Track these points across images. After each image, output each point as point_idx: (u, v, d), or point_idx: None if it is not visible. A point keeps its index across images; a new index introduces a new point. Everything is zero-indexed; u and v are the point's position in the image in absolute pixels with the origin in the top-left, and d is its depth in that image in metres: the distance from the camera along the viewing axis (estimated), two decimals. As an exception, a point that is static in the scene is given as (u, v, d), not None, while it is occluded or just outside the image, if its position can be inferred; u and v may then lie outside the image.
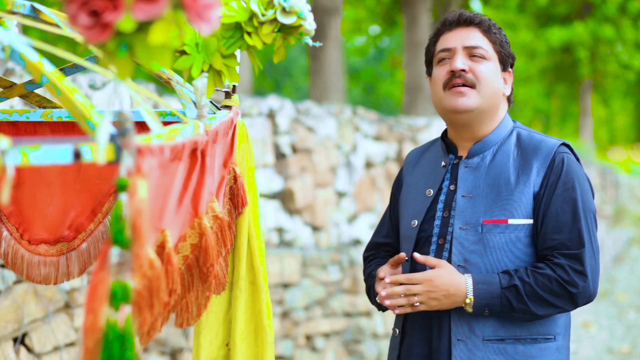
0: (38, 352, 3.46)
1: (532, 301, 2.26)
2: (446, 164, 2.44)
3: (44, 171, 2.33)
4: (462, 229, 2.34)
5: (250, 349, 2.20)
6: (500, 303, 2.27)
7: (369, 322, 6.50)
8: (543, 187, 2.31)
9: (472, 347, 2.31)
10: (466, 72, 2.34)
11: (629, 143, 39.34)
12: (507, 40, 2.44)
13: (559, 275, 2.26)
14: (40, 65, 1.37)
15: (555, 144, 2.36)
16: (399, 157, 7.30)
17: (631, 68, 19.83)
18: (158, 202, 1.48)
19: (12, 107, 3.09)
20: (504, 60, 2.40)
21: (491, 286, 2.27)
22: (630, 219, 17.95)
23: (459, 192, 2.38)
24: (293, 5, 1.80)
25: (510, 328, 2.31)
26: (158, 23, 1.13)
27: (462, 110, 2.35)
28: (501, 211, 2.31)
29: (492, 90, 2.36)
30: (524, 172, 2.33)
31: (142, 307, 1.35)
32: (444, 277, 2.30)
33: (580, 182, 2.33)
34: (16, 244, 2.39)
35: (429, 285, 2.30)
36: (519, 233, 2.30)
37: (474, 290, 2.27)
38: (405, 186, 2.55)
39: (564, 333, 2.39)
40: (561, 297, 2.27)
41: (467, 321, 2.32)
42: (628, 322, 8.74)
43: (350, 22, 17.57)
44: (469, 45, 2.36)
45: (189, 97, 2.04)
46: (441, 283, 2.29)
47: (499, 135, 2.40)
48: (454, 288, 2.28)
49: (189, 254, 1.73)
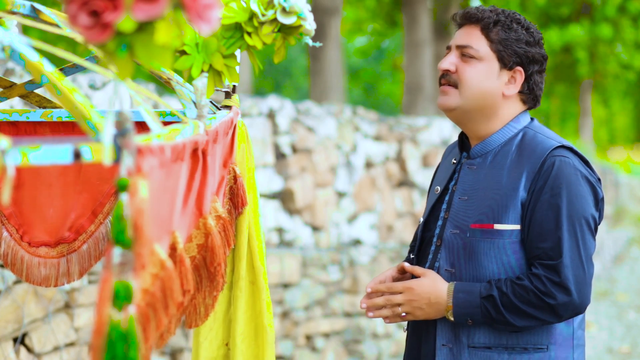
0: (38, 352, 3.46)
1: (510, 312, 2.20)
2: (456, 162, 2.42)
3: (44, 173, 2.33)
4: (452, 233, 2.31)
5: (250, 348, 2.20)
6: (480, 313, 2.22)
7: (369, 322, 6.50)
8: (530, 192, 2.24)
9: (456, 353, 2.28)
10: (452, 72, 2.32)
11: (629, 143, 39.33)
12: (519, 36, 2.31)
13: (535, 286, 2.19)
14: (40, 65, 1.37)
15: (550, 146, 2.27)
16: (399, 157, 7.30)
17: (631, 68, 19.82)
18: (166, 204, 1.48)
19: (12, 107, 3.09)
20: (504, 59, 2.30)
21: (471, 295, 2.23)
22: (630, 219, 17.94)
23: (456, 193, 2.35)
24: (293, 5, 1.80)
25: (499, 336, 2.26)
26: (158, 23, 1.13)
27: (444, 109, 2.35)
28: (488, 215, 2.26)
29: (476, 90, 2.30)
30: (515, 175, 2.26)
31: (157, 308, 1.35)
32: (425, 286, 2.27)
33: (570, 187, 2.22)
34: (16, 245, 2.38)
35: (410, 294, 2.28)
36: (505, 239, 2.24)
37: (454, 299, 2.24)
38: (434, 181, 2.53)
39: (562, 343, 2.29)
40: (540, 309, 2.20)
41: (452, 327, 2.28)
42: (628, 322, 8.74)
43: (350, 22, 17.56)
44: (459, 44, 2.33)
45: (189, 97, 2.04)
46: (422, 291, 2.27)
47: (503, 136, 2.34)
48: (435, 296, 2.26)
49: (196, 254, 1.74)
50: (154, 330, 1.36)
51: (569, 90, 22.34)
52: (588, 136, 20.79)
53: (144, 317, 1.33)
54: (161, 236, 1.43)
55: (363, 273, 6.44)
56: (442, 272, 2.31)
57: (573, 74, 19.74)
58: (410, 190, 7.41)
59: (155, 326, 1.36)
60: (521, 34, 2.32)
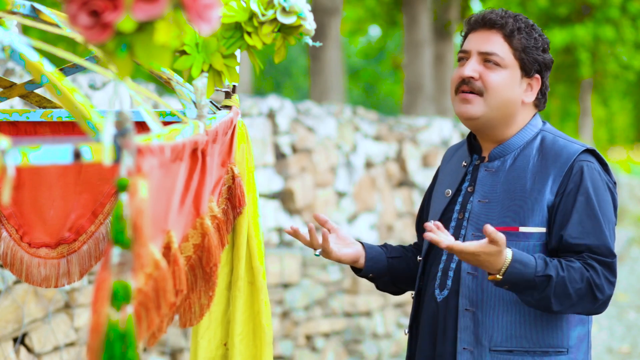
0: (38, 352, 3.46)
1: (557, 296, 2.17)
2: (467, 165, 2.40)
3: (45, 174, 2.33)
4: (474, 235, 2.28)
5: (249, 349, 2.20)
6: (526, 286, 2.15)
7: (369, 322, 6.50)
8: (559, 196, 2.24)
9: (477, 356, 2.26)
10: (475, 79, 2.28)
11: (629, 143, 39.35)
12: (537, 44, 2.30)
13: (591, 275, 2.18)
14: (40, 65, 1.37)
15: (576, 151, 2.27)
16: (399, 157, 7.30)
17: (631, 68, 19.83)
18: (162, 203, 1.48)
19: (12, 107, 3.09)
20: (526, 67, 2.29)
21: (527, 268, 2.15)
22: (630, 219, 17.94)
23: (475, 196, 2.33)
24: (293, 5, 1.80)
25: (519, 339, 2.25)
26: (158, 23, 1.13)
27: (466, 118, 2.30)
28: (513, 218, 2.26)
29: (501, 99, 2.28)
30: (541, 178, 2.26)
31: (149, 308, 1.35)
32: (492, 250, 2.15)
33: (598, 192, 2.25)
34: (15, 246, 2.38)
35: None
36: (530, 242, 2.24)
37: (510, 267, 2.13)
38: (436, 183, 2.51)
39: (579, 345, 2.30)
40: (584, 299, 2.19)
41: (473, 330, 2.27)
42: (628, 322, 8.74)
43: (350, 22, 17.56)
44: (483, 51, 2.29)
45: (189, 97, 2.04)
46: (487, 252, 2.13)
47: (522, 139, 2.32)
48: (493, 260, 2.12)
49: (192, 254, 1.74)
50: (145, 330, 1.36)
51: (569, 90, 22.34)
52: (588, 136, 20.80)
53: (136, 317, 1.33)
54: (155, 235, 1.43)
55: (363, 273, 6.44)
56: (464, 275, 2.29)
57: (573, 74, 19.74)
58: (410, 190, 7.41)
59: (147, 326, 1.36)
60: (539, 40, 2.31)
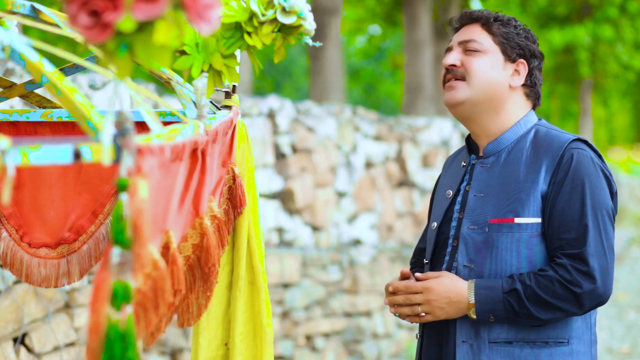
0: (38, 352, 3.46)
1: (534, 305, 2.20)
2: (466, 165, 2.42)
3: (45, 174, 2.33)
4: (469, 228, 2.31)
5: (249, 348, 2.20)
6: (503, 308, 2.21)
7: (369, 322, 6.50)
8: (551, 185, 2.25)
9: (476, 349, 2.27)
10: (457, 66, 2.33)
11: (629, 143, 39.35)
12: (518, 31, 2.36)
13: (560, 275, 2.19)
14: (40, 65, 1.37)
15: (567, 140, 2.29)
16: (399, 157, 7.30)
17: (631, 68, 19.83)
18: (161, 203, 1.48)
19: (12, 107, 3.09)
20: (507, 51, 2.34)
21: (493, 291, 2.22)
22: (630, 219, 17.94)
23: (471, 192, 2.35)
24: (293, 5, 1.80)
25: (519, 330, 2.26)
26: (158, 23, 1.13)
27: (453, 104, 2.34)
28: (508, 210, 2.27)
29: (484, 80, 2.32)
30: (533, 169, 2.28)
31: (147, 308, 1.35)
32: (445, 285, 2.26)
33: (591, 179, 2.25)
34: (15, 246, 2.38)
35: (429, 294, 2.28)
36: (525, 232, 2.25)
37: (476, 296, 2.23)
38: (437, 190, 2.53)
39: (581, 337, 2.30)
40: (565, 300, 2.20)
41: (471, 323, 2.28)
42: (628, 322, 8.74)
43: (350, 22, 17.56)
44: (462, 40, 2.35)
45: (189, 97, 2.04)
46: (442, 290, 2.26)
47: (515, 134, 2.35)
48: (455, 295, 2.25)
49: (191, 254, 1.74)
50: (143, 330, 1.36)
51: (569, 90, 22.35)
52: (588, 136, 20.80)
53: (135, 316, 1.33)
54: (154, 235, 1.43)
55: (363, 273, 6.45)
56: (461, 268, 2.30)
57: (573, 74, 19.75)
58: (410, 190, 7.41)
59: (145, 325, 1.36)
60: (520, 30, 2.38)
